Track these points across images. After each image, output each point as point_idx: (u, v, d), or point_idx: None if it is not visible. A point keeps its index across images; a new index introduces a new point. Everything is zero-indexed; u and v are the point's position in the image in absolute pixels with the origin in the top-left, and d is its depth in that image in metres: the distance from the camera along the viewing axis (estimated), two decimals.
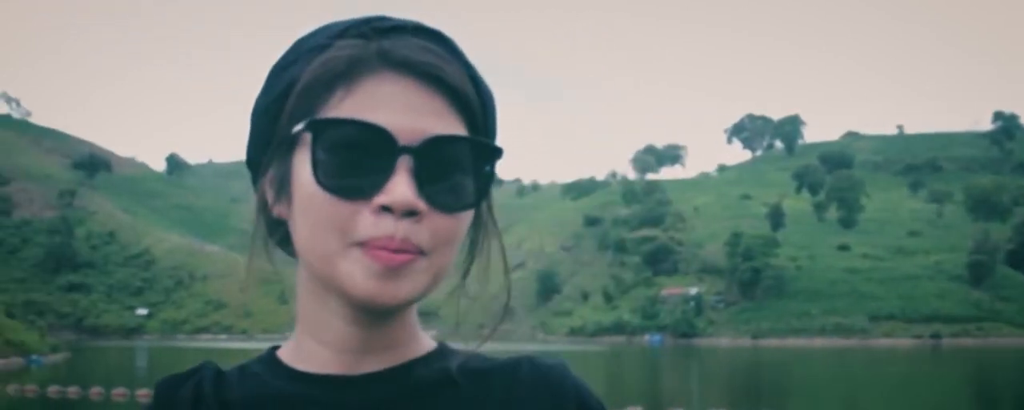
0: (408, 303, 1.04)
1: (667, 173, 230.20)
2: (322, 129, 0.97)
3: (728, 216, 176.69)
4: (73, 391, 49.75)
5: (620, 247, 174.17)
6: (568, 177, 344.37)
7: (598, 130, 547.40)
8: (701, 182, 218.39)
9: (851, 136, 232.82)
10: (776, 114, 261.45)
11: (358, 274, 0.98)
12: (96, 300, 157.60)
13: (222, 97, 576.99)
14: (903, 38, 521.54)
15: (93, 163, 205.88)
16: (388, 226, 0.97)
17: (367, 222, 0.97)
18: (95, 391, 47.77)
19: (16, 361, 79.54)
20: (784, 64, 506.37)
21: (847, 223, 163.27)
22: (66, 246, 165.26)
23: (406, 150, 0.96)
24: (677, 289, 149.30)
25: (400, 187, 0.96)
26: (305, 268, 1.08)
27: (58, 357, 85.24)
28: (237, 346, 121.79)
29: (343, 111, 0.98)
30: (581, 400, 1.20)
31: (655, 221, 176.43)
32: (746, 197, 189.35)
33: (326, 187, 0.97)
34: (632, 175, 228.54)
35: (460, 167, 1.01)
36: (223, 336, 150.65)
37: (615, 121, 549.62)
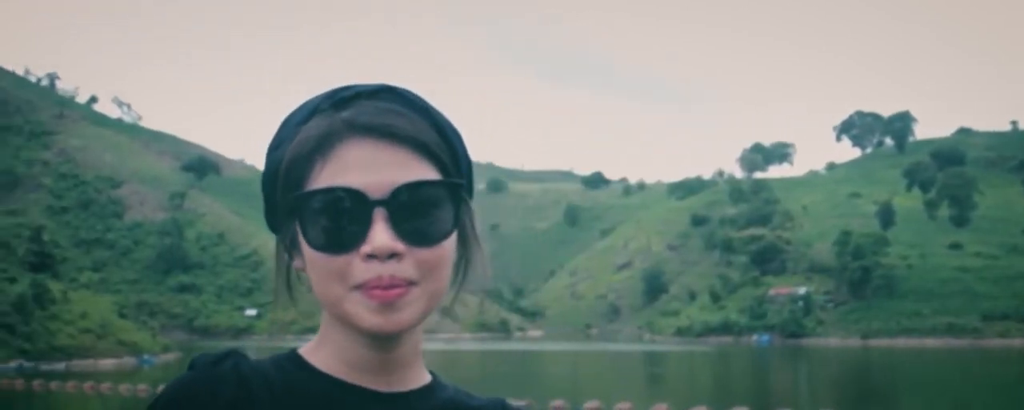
0: (412, 326, 1.26)
1: (775, 171, 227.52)
2: (304, 200, 1.22)
3: (837, 214, 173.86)
4: None
5: (727, 246, 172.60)
6: (674, 176, 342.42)
7: (705, 129, 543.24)
8: (809, 180, 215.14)
9: (963, 132, 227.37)
10: (886, 111, 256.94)
11: (362, 312, 1.22)
12: (206, 300, 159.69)
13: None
14: (1017, 32, 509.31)
15: (202, 166, 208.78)
16: (376, 269, 1.20)
17: (359, 269, 1.21)
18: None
19: (128, 361, 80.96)
20: (894, 60, 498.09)
21: (959, 221, 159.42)
22: (177, 248, 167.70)
23: (378, 203, 1.20)
24: (785, 289, 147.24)
25: (378, 236, 1.20)
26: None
27: (169, 357, 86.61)
28: None
29: (322, 180, 1.22)
30: None
31: (763, 220, 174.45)
32: (855, 195, 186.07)
33: (316, 247, 1.22)
34: (739, 174, 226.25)
35: (432, 203, 1.23)
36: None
37: (722, 120, 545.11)
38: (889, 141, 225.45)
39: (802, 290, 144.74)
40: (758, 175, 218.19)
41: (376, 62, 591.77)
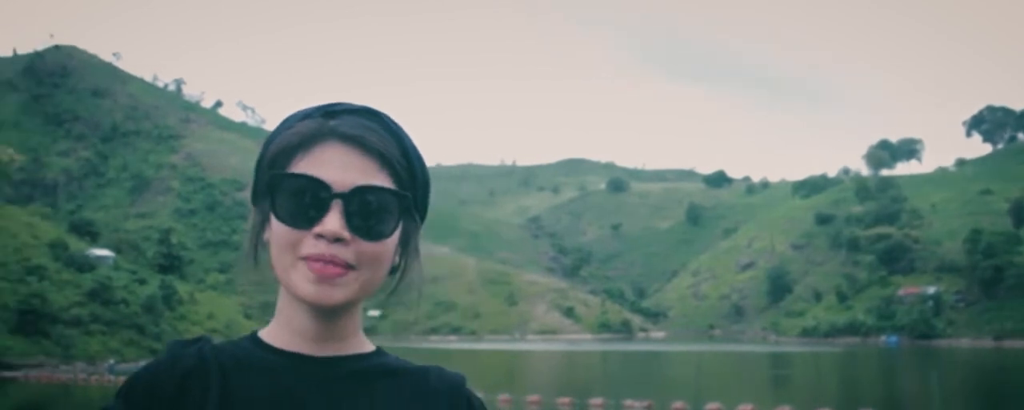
0: (344, 304, 1.52)
1: (902, 169, 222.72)
2: (280, 181, 1.51)
3: (967, 212, 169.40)
4: None
5: (853, 245, 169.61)
6: (799, 174, 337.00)
7: (830, 125, 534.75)
8: (938, 177, 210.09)
9: None
10: (1018, 105, 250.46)
11: (302, 282, 1.50)
12: None
13: (446, 103, 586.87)
14: None
15: None
16: (322, 247, 1.48)
17: (309, 244, 1.49)
18: None
19: None
20: None
21: None
22: None
23: (338, 195, 1.49)
24: (914, 288, 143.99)
25: (331, 221, 1.47)
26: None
27: None
28: (466, 347, 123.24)
29: (299, 168, 1.51)
30: (470, 403, 1.65)
31: (890, 218, 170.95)
32: (986, 192, 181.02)
33: (281, 219, 1.50)
34: (866, 171, 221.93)
35: (382, 207, 1.51)
36: (453, 337, 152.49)
37: (847, 116, 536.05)
38: (1022, 136, 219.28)
39: (932, 290, 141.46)
40: (885, 172, 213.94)
41: (502, 62, 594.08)
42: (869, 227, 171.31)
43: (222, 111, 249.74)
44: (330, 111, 1.58)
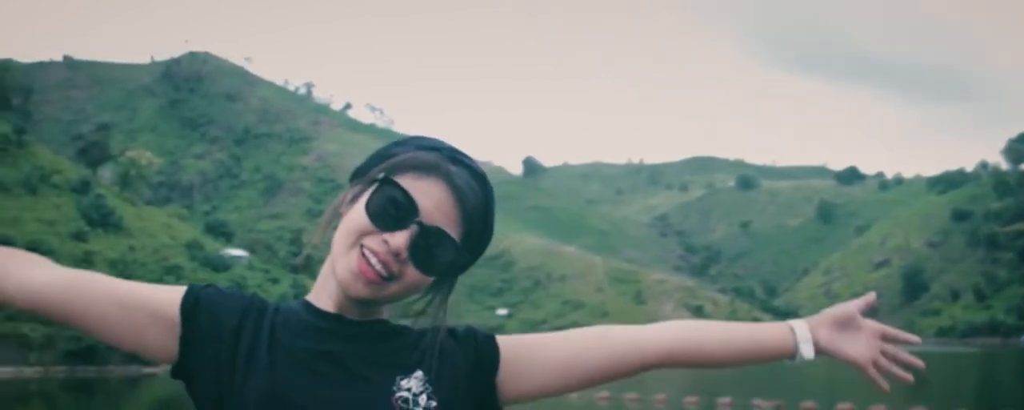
0: (366, 300, 1.74)
1: None
2: (388, 183, 1.72)
3: None
4: None
5: (992, 242, 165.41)
6: (934, 169, 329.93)
7: (966, 119, 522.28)
8: None
9: None
10: None
11: (344, 268, 1.71)
12: (457, 300, 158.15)
13: (574, 102, 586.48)
14: None
15: None
16: (381, 249, 1.69)
17: (374, 239, 1.70)
18: None
19: None
20: None
21: None
22: None
23: (418, 223, 1.70)
24: None
25: (400, 237, 1.68)
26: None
27: None
28: None
29: (407, 185, 1.72)
30: (475, 335, 1.87)
31: None
32: None
33: (367, 210, 1.71)
34: (1005, 166, 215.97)
35: (441, 251, 1.73)
36: None
37: (985, 109, 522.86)
38: None
39: None
40: None
41: (629, 63, 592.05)
42: (1008, 223, 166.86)
43: (351, 113, 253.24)
44: (454, 157, 1.79)
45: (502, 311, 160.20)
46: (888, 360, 1.92)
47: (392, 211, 1.71)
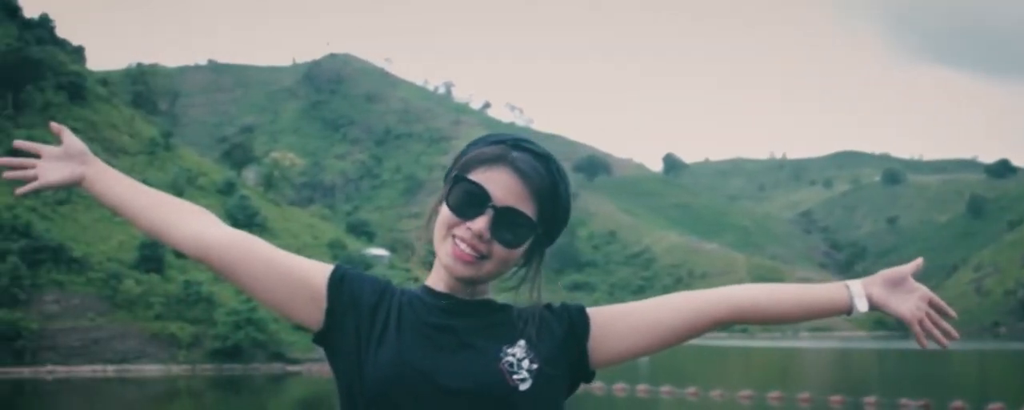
0: (469, 279, 2.11)
1: None
2: (461, 181, 2.08)
3: None
4: None
5: None
6: None
7: None
8: None
9: None
10: None
11: (445, 255, 2.10)
12: (599, 298, 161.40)
13: (716, 97, 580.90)
14: None
15: (593, 165, 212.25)
16: (468, 235, 2.06)
17: (461, 229, 2.07)
18: (597, 386, 48.63)
19: None
20: None
21: None
22: (569, 247, 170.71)
23: (493, 207, 2.05)
24: None
25: (481, 222, 2.05)
26: None
27: None
28: (737, 344, 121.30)
29: (477, 178, 2.07)
30: (568, 308, 2.20)
31: None
32: None
33: (449, 205, 2.09)
34: None
35: (519, 227, 2.07)
36: (723, 334, 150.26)
37: None
38: None
39: None
40: None
41: (769, 55, 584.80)
42: None
43: (490, 112, 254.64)
44: (517, 144, 2.12)
45: None
46: (931, 324, 2.26)
47: (469, 201, 2.06)
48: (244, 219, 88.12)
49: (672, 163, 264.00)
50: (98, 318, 70.22)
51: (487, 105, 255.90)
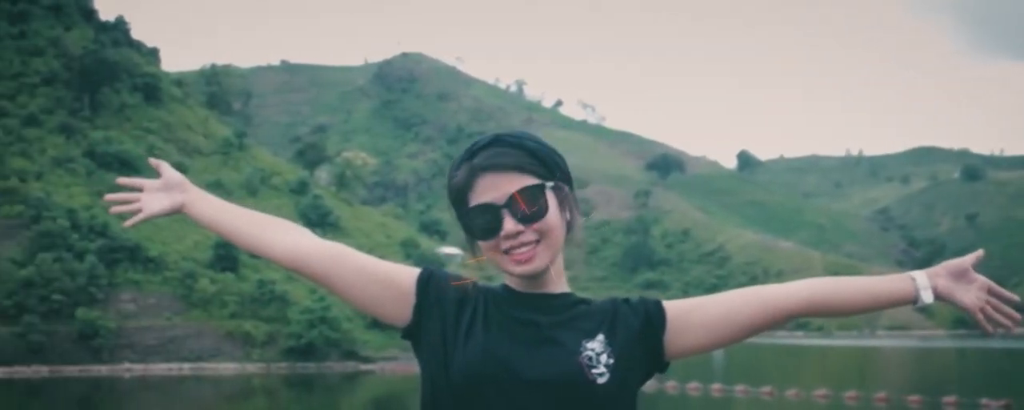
0: (543, 269, 2.25)
1: None
2: (466, 215, 2.25)
3: None
4: (649, 385, 50.40)
5: None
6: None
7: None
8: None
9: None
10: None
11: (510, 266, 2.25)
12: (672, 297, 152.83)
13: (790, 94, 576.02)
14: None
15: (666, 163, 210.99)
16: (511, 242, 2.21)
17: (504, 242, 2.22)
18: (670, 385, 48.22)
19: None
20: None
21: None
22: (643, 245, 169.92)
23: (501, 206, 2.20)
24: None
25: (507, 225, 2.19)
26: None
27: None
28: (815, 342, 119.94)
29: (473, 201, 2.23)
30: (645, 302, 2.34)
31: None
32: None
33: (479, 237, 2.25)
34: None
35: (532, 198, 2.20)
36: (800, 333, 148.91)
37: None
38: None
39: None
40: None
41: (844, 51, 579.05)
42: None
43: (563, 110, 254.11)
44: (471, 152, 2.27)
45: None
46: (993, 310, 2.32)
47: (485, 221, 2.22)
48: (317, 219, 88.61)
49: (746, 160, 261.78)
50: (174, 317, 71.00)
51: (559, 103, 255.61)
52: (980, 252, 2.45)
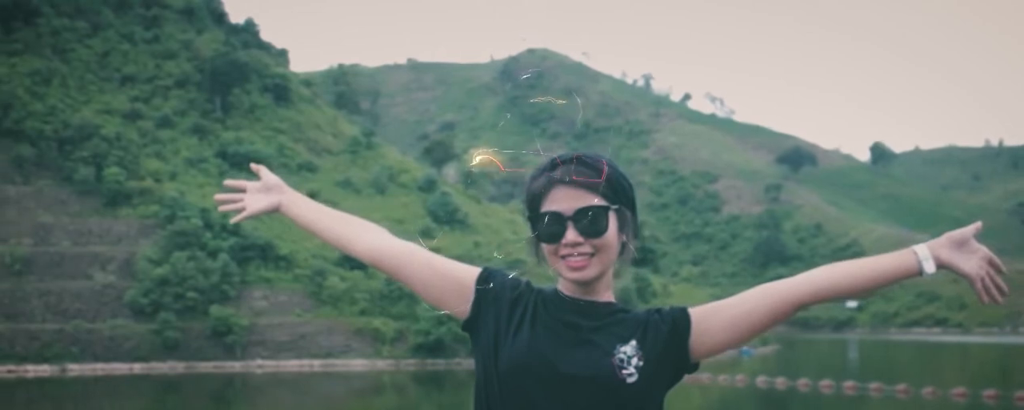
0: (593, 279, 2.54)
1: None
2: (537, 219, 2.53)
3: None
4: (780, 382, 49.73)
5: None
6: None
7: None
8: None
9: None
10: None
11: (564, 271, 2.53)
12: None
13: (925, 83, 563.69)
14: None
15: (798, 157, 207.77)
16: (569, 250, 2.50)
17: (563, 249, 2.51)
18: (802, 382, 47.16)
19: (729, 353, 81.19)
20: None
21: None
22: (774, 240, 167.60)
23: (568, 218, 2.49)
24: None
25: (569, 235, 2.48)
26: None
27: (768, 349, 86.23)
28: (952, 339, 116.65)
29: (545, 207, 2.51)
30: (673, 310, 2.61)
31: None
32: None
33: (543, 240, 2.54)
34: None
35: (597, 217, 2.49)
36: (937, 329, 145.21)
37: None
38: None
39: None
40: None
41: (975, 35, 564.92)
42: None
43: (691, 104, 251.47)
44: (553, 164, 2.54)
45: (852, 304, 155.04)
46: (990, 282, 2.56)
47: (552, 228, 2.49)
48: (445, 216, 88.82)
49: (880, 153, 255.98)
50: (304, 314, 71.66)
51: (687, 97, 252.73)
52: (978, 224, 2.73)
